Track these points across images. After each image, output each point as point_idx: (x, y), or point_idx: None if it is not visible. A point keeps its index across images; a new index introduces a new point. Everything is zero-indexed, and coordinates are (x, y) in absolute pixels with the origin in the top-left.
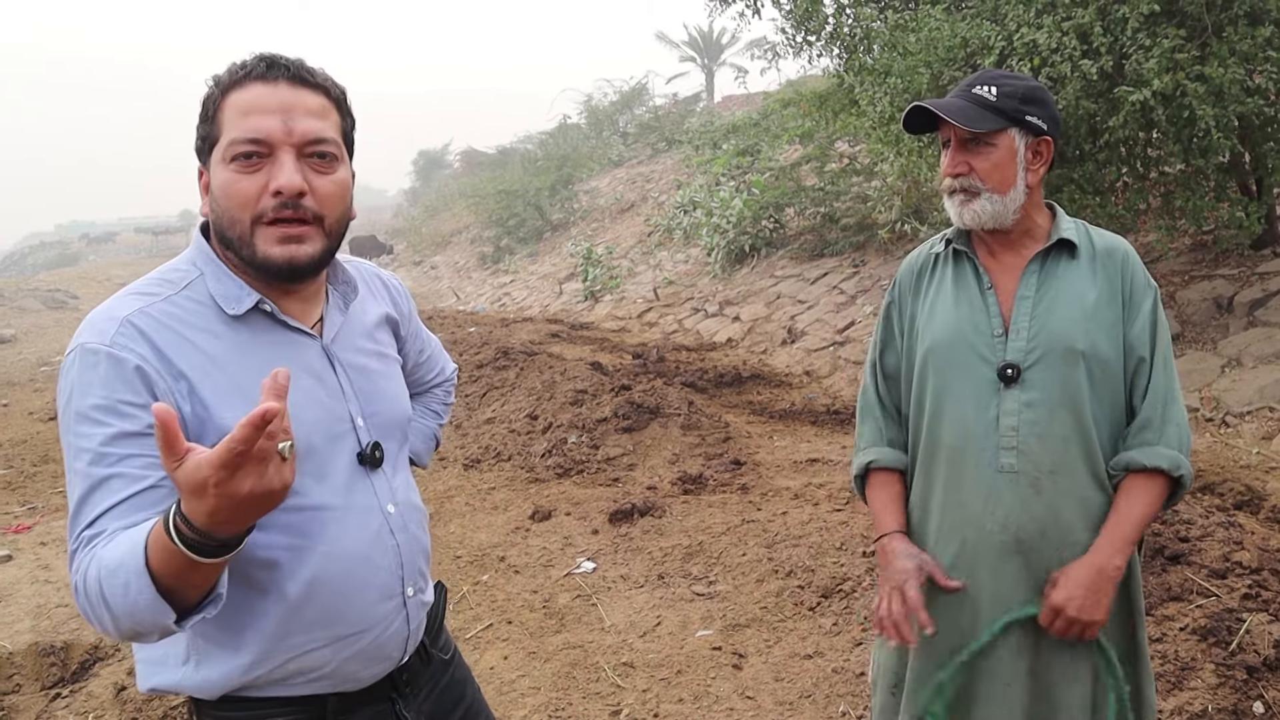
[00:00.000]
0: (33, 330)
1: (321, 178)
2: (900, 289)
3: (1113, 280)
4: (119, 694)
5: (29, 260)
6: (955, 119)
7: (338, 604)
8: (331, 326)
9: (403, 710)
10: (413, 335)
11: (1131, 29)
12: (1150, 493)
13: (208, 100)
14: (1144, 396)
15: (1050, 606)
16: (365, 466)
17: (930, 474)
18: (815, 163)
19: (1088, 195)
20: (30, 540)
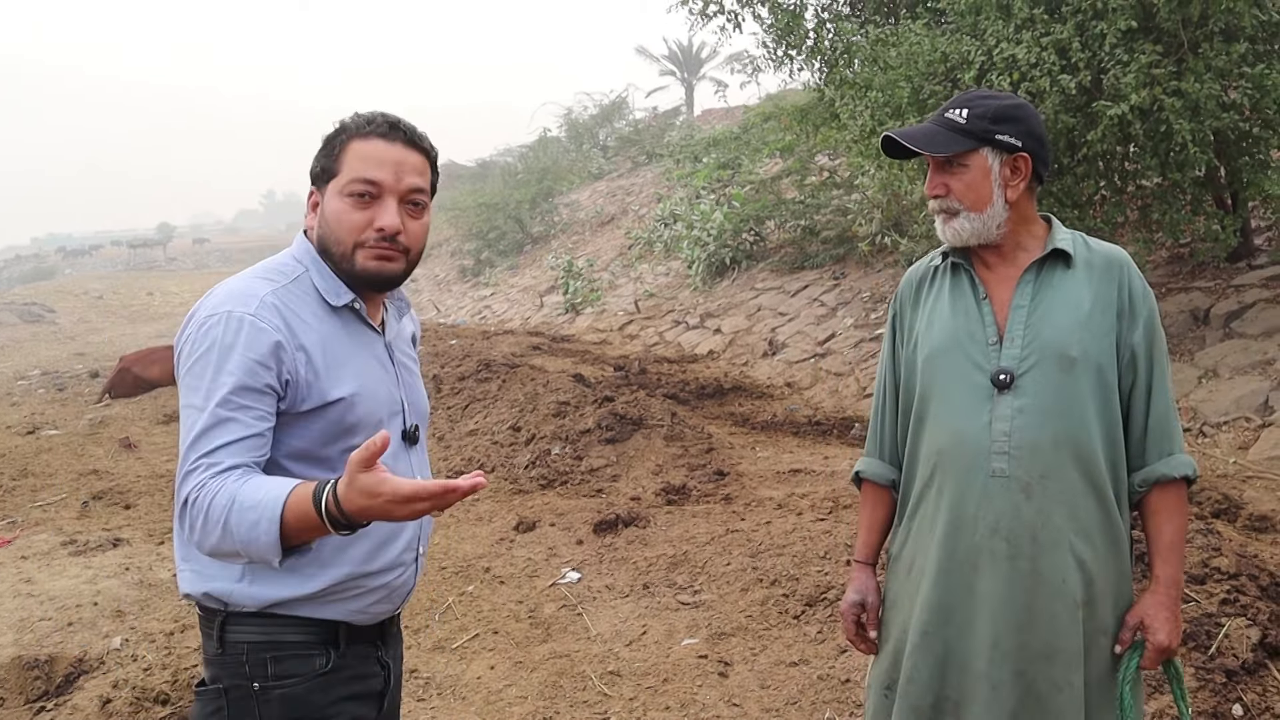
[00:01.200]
0: (9, 344)
1: (413, 221)
2: (901, 301)
3: (1109, 289)
4: (104, 706)
5: (4, 274)
6: (921, 146)
7: (378, 545)
8: (390, 330)
9: (384, 656)
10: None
11: (1109, 44)
12: (1182, 501)
13: (333, 140)
14: (1148, 404)
15: (1157, 650)
16: (406, 442)
17: (924, 478)
18: (795, 176)
19: (1066, 208)
20: (11, 554)
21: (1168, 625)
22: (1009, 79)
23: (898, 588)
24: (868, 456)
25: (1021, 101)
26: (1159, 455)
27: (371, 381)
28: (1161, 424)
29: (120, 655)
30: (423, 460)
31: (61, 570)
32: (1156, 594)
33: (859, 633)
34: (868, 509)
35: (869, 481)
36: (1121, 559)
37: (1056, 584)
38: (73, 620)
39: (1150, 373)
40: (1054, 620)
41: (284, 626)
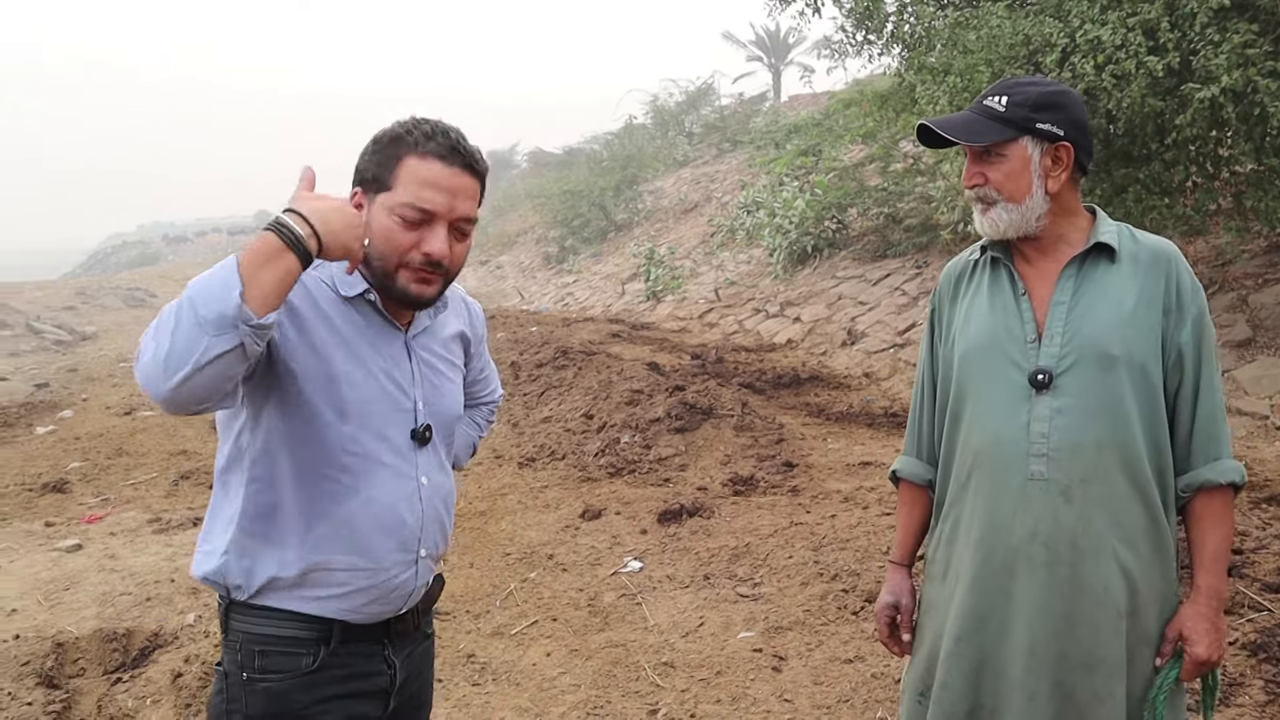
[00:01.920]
0: (113, 328)
1: (459, 245)
2: (940, 296)
3: (1155, 284)
4: (175, 680)
5: (112, 259)
6: (958, 135)
7: (365, 537)
8: (418, 326)
9: (391, 655)
10: (478, 355)
11: (1200, 24)
12: (1228, 508)
13: (386, 151)
14: (1194, 406)
15: (1196, 663)
16: (414, 442)
17: (960, 480)
18: (879, 163)
19: (1154, 196)
20: (100, 530)
21: (1208, 637)
22: (1093, 61)
23: (933, 591)
24: (906, 455)
25: (1064, 88)
26: (1205, 460)
27: (370, 370)
28: (1208, 427)
29: (193, 631)
30: (435, 463)
31: (144, 547)
32: (1197, 604)
33: (892, 635)
34: (905, 509)
35: (906, 481)
36: (1167, 567)
37: (1098, 592)
38: (151, 596)
39: (1198, 373)
40: (1095, 630)
41: (278, 620)
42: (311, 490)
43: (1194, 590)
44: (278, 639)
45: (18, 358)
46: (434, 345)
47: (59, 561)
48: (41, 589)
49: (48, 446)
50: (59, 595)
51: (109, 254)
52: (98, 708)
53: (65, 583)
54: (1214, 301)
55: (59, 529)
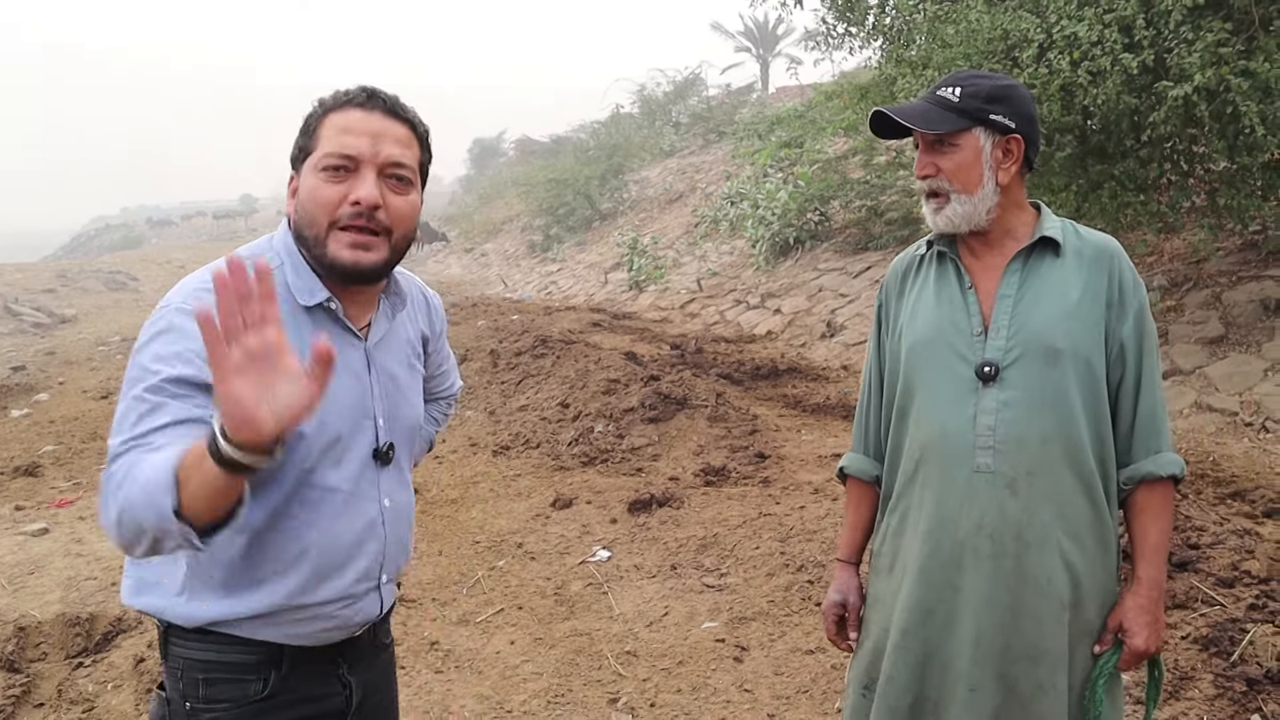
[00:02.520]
0: (93, 311)
1: (396, 197)
2: (887, 291)
3: (1098, 279)
4: (138, 665)
5: (95, 242)
6: (914, 122)
7: (324, 573)
8: (377, 332)
9: (346, 674)
10: (437, 350)
11: (1175, 21)
12: (1169, 500)
13: (310, 118)
14: (1136, 399)
15: (1134, 654)
16: (377, 462)
17: (907, 473)
18: (862, 155)
19: (1129, 192)
20: (70, 514)
21: (1148, 629)
22: (1069, 57)
23: (879, 585)
24: (853, 452)
25: (1014, 82)
26: (1147, 452)
27: (332, 392)
28: (1150, 420)
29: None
30: (397, 480)
31: None
32: (1138, 596)
33: (840, 632)
34: (852, 506)
35: (854, 478)
36: (1109, 559)
37: (1042, 584)
38: (116, 581)
39: (1139, 367)
40: (1039, 621)
41: (221, 645)
42: (267, 532)
43: (1134, 581)
44: (222, 665)
45: None
46: (395, 351)
47: (24, 545)
48: (5, 573)
49: (22, 430)
50: (23, 579)
51: (91, 237)
52: (58, 692)
53: (30, 566)
54: (1188, 299)
55: (28, 512)
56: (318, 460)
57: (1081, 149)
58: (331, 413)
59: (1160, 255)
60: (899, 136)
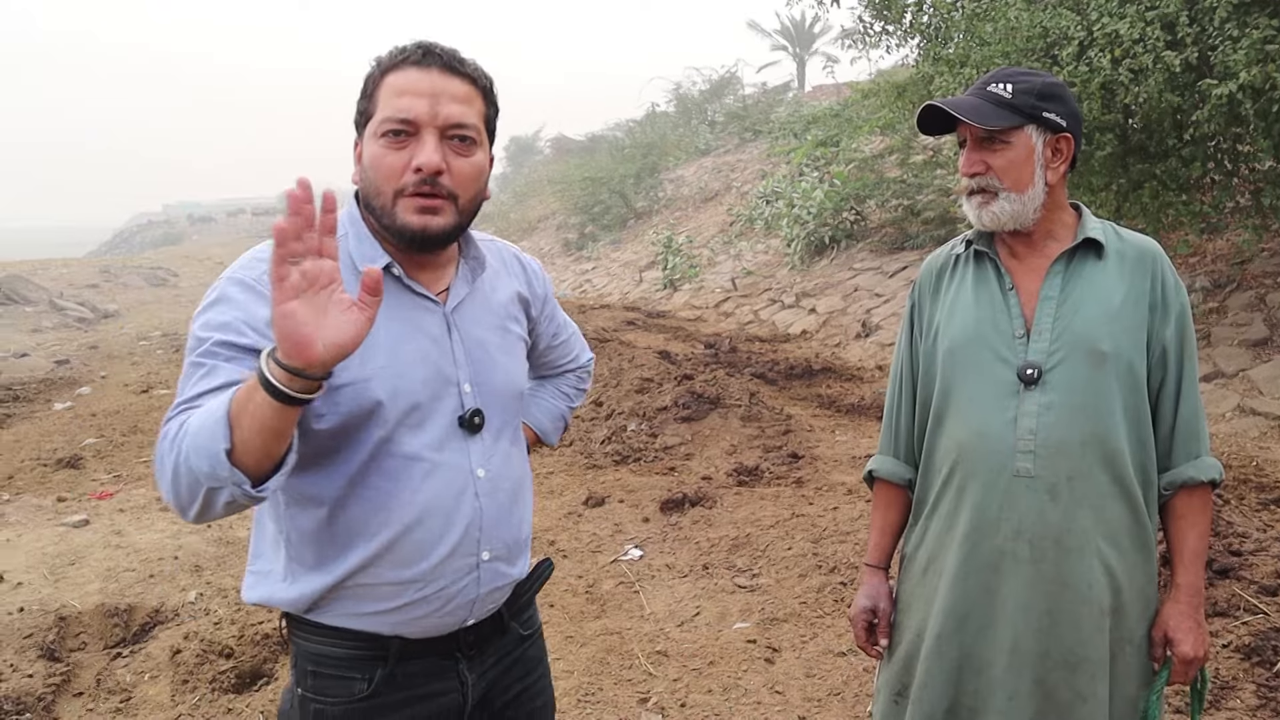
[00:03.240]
0: (135, 306)
1: (460, 159)
2: (920, 291)
3: (1141, 281)
4: (174, 656)
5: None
6: (969, 117)
7: (411, 547)
8: (455, 296)
9: (465, 670)
10: (546, 318)
11: (1220, 18)
12: (1208, 505)
13: (368, 79)
14: (1177, 403)
15: (1183, 662)
16: (464, 430)
17: (943, 477)
18: (898, 154)
19: (1171, 192)
20: (110, 506)
21: (1193, 635)
22: (1110, 55)
23: (911, 589)
24: (881, 454)
25: (1061, 80)
26: (1187, 457)
27: (405, 357)
28: (1190, 424)
29: (194, 608)
30: (494, 450)
31: (150, 524)
32: (1179, 603)
33: (869, 639)
34: (880, 509)
35: (883, 481)
36: (1149, 565)
37: (1082, 590)
38: (154, 573)
39: (1180, 370)
40: (1078, 628)
41: (331, 638)
42: (348, 502)
43: (1174, 588)
44: (330, 659)
45: (40, 334)
46: (481, 315)
47: (66, 537)
48: (47, 563)
49: (65, 422)
50: (64, 570)
51: (134, 233)
52: (96, 681)
53: (71, 557)
54: (1231, 300)
55: (70, 504)
56: (394, 428)
57: (1122, 148)
58: (407, 379)
59: (1203, 256)
60: (943, 132)
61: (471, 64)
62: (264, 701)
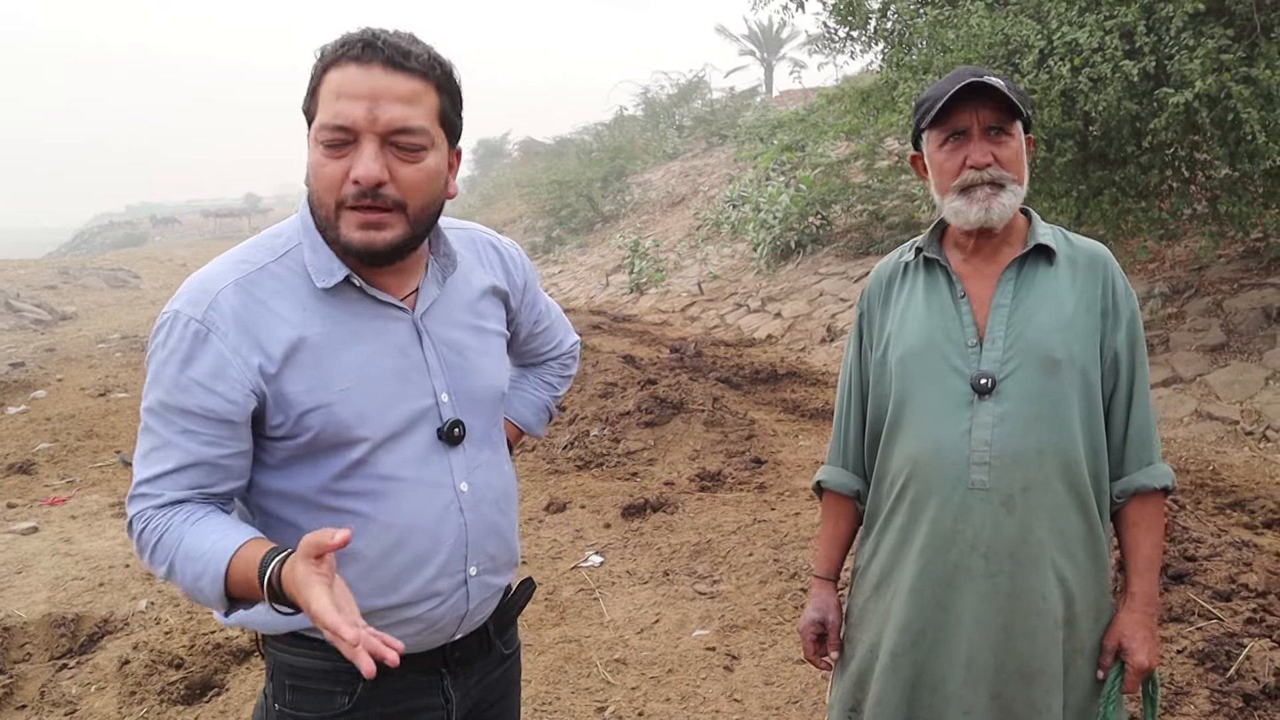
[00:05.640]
0: (94, 308)
1: (406, 166)
2: (869, 300)
3: (1092, 287)
4: (122, 667)
5: (98, 239)
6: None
7: (393, 572)
8: (425, 300)
9: (449, 687)
10: (527, 306)
11: (1175, 28)
12: (1160, 512)
13: (313, 74)
14: (1129, 410)
15: (1137, 670)
16: (444, 443)
17: (897, 490)
18: (864, 160)
19: (1130, 199)
20: (61, 513)
21: (1147, 644)
22: (1069, 64)
23: (863, 604)
24: (830, 465)
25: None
26: (1139, 464)
27: (373, 375)
28: (1142, 431)
29: (144, 618)
30: (477, 460)
31: (101, 531)
32: (1134, 612)
33: (819, 652)
34: (830, 521)
35: (831, 492)
36: (1102, 575)
37: (1036, 602)
38: (104, 581)
39: (1133, 377)
40: (1033, 640)
41: (311, 651)
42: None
43: (1129, 597)
44: (310, 672)
45: None
46: (455, 315)
47: (13, 544)
48: None
49: (18, 427)
50: (10, 579)
51: (95, 234)
52: (40, 694)
53: (18, 566)
54: (1189, 306)
55: (20, 511)
56: (369, 449)
57: (1082, 155)
58: (376, 398)
59: (1162, 262)
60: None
61: (421, 55)
62: (213, 713)
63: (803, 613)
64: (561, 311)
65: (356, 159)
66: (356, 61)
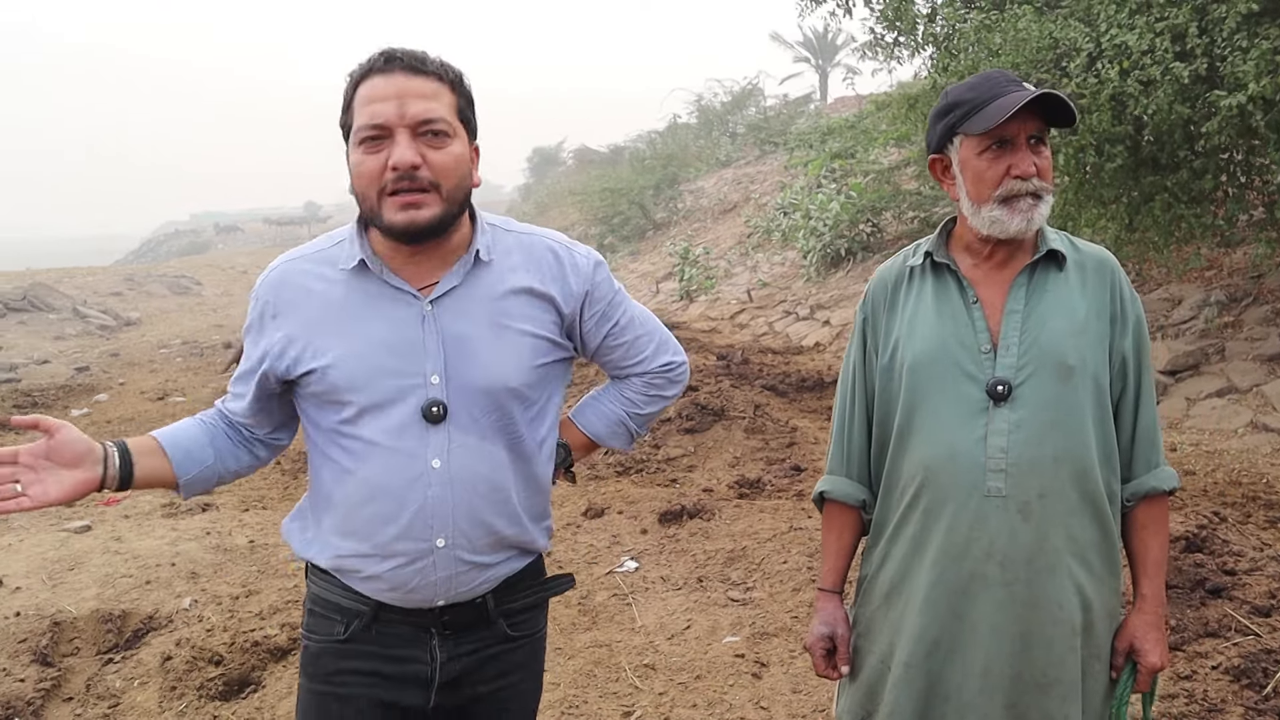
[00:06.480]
0: (157, 314)
1: (435, 151)
2: (873, 304)
3: (1101, 293)
4: (164, 662)
5: (164, 247)
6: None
7: (362, 522)
8: (443, 286)
9: (436, 647)
10: (596, 317)
11: (1229, 29)
12: (1166, 514)
13: (345, 93)
14: (1136, 412)
15: (1150, 672)
16: (426, 421)
17: (908, 499)
18: (915, 166)
19: (1183, 205)
20: (115, 513)
21: (1159, 645)
22: (1118, 67)
23: (872, 614)
24: (832, 474)
25: None
26: (1147, 467)
27: (368, 347)
28: (1148, 434)
29: (187, 615)
30: (460, 443)
31: (151, 530)
32: (1144, 614)
33: (829, 666)
34: (834, 532)
35: (835, 502)
36: (1116, 580)
37: (1054, 610)
38: (151, 579)
39: (1140, 380)
40: (1050, 648)
41: (329, 585)
42: (321, 475)
43: (1139, 599)
44: (323, 603)
45: (63, 341)
46: (472, 309)
47: (66, 542)
48: (47, 568)
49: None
50: (63, 575)
51: (160, 242)
52: (86, 687)
53: (70, 563)
54: (1246, 315)
55: (77, 510)
56: (356, 412)
57: (1133, 160)
58: (366, 367)
59: (1219, 270)
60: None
61: (435, 61)
62: (249, 709)
63: (809, 627)
64: (663, 331)
65: (393, 150)
66: (382, 72)
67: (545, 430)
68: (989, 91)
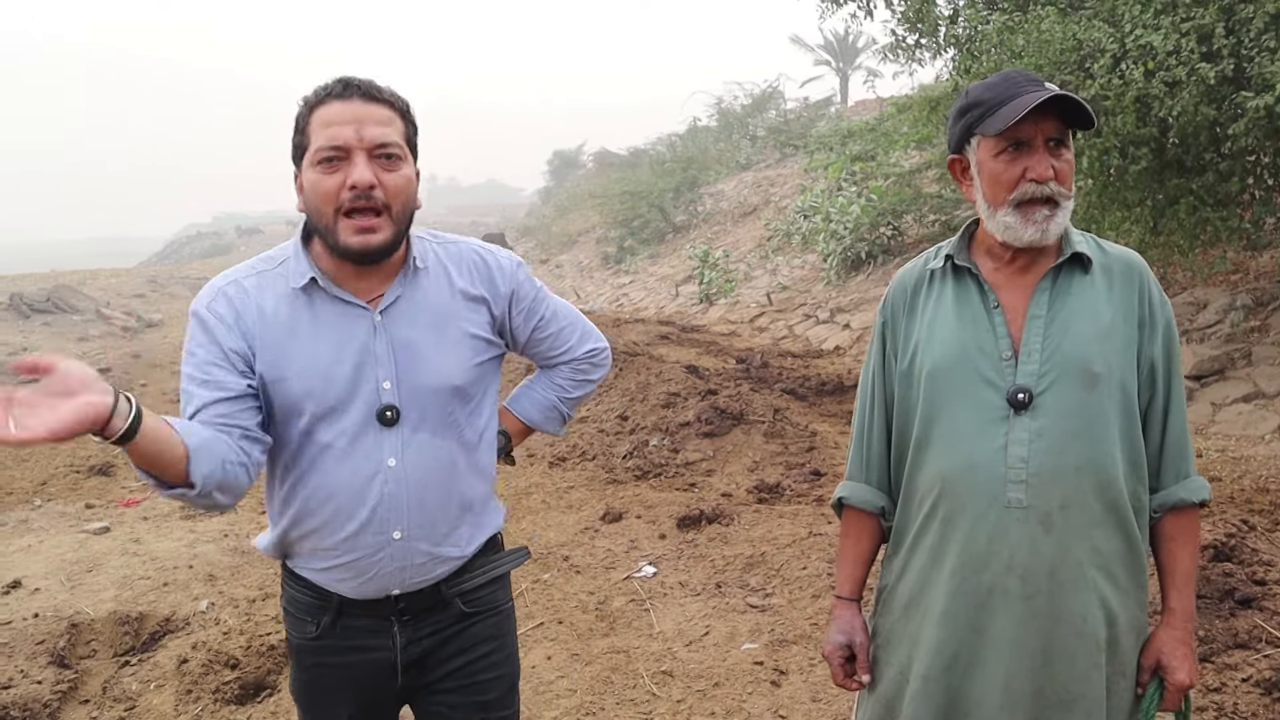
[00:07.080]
0: (179, 316)
1: (389, 174)
2: (893, 308)
3: (1129, 297)
4: (180, 665)
5: (186, 249)
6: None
7: (324, 520)
8: (388, 298)
9: (397, 634)
10: (522, 313)
11: (1256, 29)
12: (1197, 526)
13: (299, 117)
14: (1165, 421)
15: (1178, 689)
16: (379, 424)
17: (927, 508)
18: (936, 169)
19: (1208, 207)
20: (134, 514)
21: (1188, 662)
22: (1142, 68)
23: (891, 625)
24: (851, 480)
25: None
26: (1176, 477)
27: (323, 359)
28: (1178, 444)
29: (204, 618)
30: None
31: (168, 533)
32: (1173, 629)
33: (847, 675)
34: (852, 539)
35: (853, 509)
36: (1142, 594)
37: (1077, 624)
38: (168, 581)
39: (1169, 387)
40: (1073, 664)
41: (298, 587)
42: (286, 475)
43: (1168, 613)
44: (295, 602)
45: (86, 342)
46: (418, 315)
47: (85, 544)
48: (66, 570)
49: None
50: (81, 577)
51: (184, 244)
52: (103, 689)
53: (89, 564)
54: (1274, 319)
55: (97, 511)
56: (314, 421)
57: (1158, 162)
58: (322, 378)
59: (1245, 273)
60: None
61: (388, 90)
62: (264, 713)
63: (826, 635)
64: (584, 321)
65: (350, 170)
66: (340, 98)
67: (484, 422)
68: (1006, 91)
